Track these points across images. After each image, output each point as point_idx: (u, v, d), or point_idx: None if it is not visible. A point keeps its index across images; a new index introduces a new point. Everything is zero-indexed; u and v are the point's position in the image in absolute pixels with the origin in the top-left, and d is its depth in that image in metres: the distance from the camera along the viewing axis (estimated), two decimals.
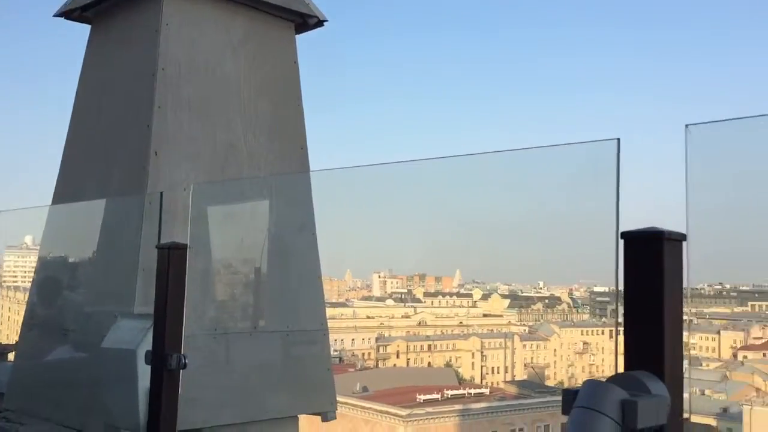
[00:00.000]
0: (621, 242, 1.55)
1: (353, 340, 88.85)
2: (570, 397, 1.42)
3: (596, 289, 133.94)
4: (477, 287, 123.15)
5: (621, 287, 1.60)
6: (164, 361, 2.81)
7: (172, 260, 2.82)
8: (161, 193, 4.20)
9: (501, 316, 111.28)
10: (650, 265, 1.51)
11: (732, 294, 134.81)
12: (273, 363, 5.40)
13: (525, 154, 1.88)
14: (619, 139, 1.60)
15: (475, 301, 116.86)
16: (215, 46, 5.23)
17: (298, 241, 5.46)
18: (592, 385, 1.41)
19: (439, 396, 52.03)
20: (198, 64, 5.11)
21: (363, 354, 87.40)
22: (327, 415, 5.53)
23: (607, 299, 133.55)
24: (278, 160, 5.47)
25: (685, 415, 1.54)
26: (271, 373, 5.35)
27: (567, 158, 1.80)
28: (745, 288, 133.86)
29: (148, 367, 2.95)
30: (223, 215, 5.16)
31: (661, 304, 1.50)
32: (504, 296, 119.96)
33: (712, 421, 58.16)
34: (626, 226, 1.58)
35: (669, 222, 1.53)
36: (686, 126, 1.47)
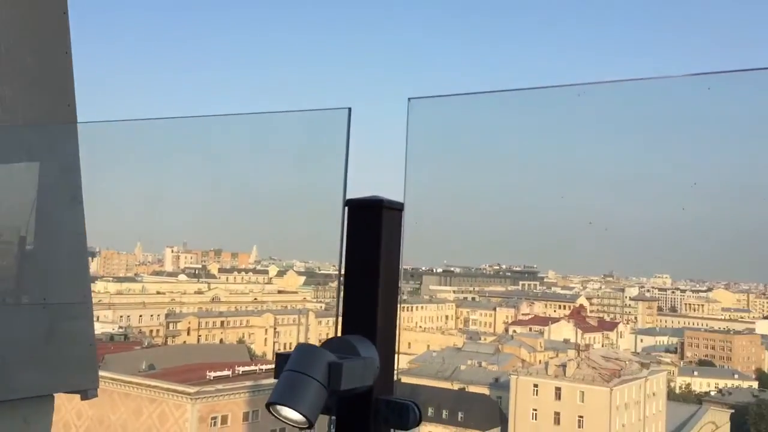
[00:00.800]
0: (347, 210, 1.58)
1: (141, 316, 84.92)
2: (283, 360, 1.43)
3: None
4: (273, 264, 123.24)
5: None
6: None
7: None
8: None
9: (296, 292, 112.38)
10: (369, 232, 1.56)
11: (507, 274, 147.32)
12: (27, 338, 4.98)
13: (265, 119, 1.86)
14: (350, 108, 1.62)
15: (271, 278, 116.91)
16: None
17: (59, 206, 5.06)
18: (302, 348, 1.43)
19: (230, 373, 51.51)
20: None
21: (151, 331, 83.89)
22: (87, 393, 5.21)
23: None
24: (41, 117, 5.01)
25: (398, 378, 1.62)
26: (25, 349, 4.92)
27: (300, 125, 1.80)
28: (518, 269, 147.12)
29: None
30: None
31: (377, 270, 1.55)
32: (300, 273, 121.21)
33: (486, 391, 63.56)
34: (355, 195, 1.61)
35: (395, 193, 1.59)
36: (409, 99, 1.53)
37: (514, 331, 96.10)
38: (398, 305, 1.60)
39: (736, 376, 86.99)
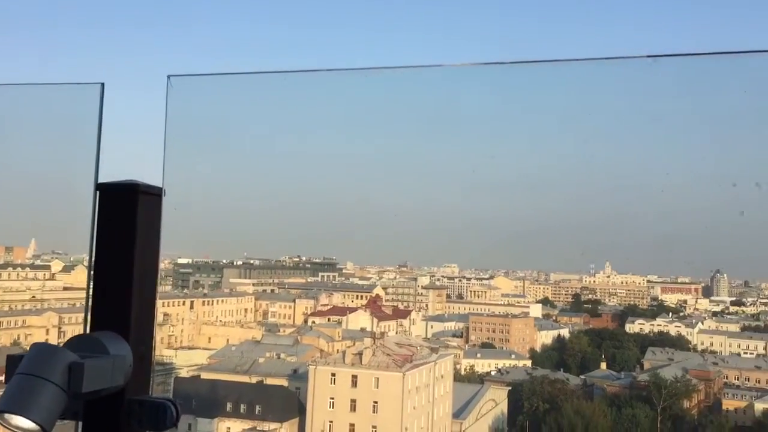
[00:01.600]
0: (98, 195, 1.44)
1: None
2: (14, 363, 1.27)
3: (180, 260, 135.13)
4: (57, 258, 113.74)
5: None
6: None
7: None
8: None
9: (85, 288, 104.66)
10: (124, 218, 1.43)
11: (307, 266, 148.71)
12: None
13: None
14: (103, 84, 1.47)
15: (54, 274, 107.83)
16: None
17: None
18: (37, 348, 1.28)
19: (2, 378, 46.77)
20: None
21: None
22: None
23: (190, 270, 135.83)
24: None
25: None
26: None
27: (49, 101, 1.61)
28: (317, 260, 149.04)
29: None
30: None
31: (132, 259, 1.43)
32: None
33: (284, 382, 63.69)
34: (109, 177, 1.47)
35: (154, 176, 1.47)
36: (168, 77, 1.42)
37: (314, 322, 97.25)
38: (156, 298, 1.48)
39: (513, 356, 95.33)
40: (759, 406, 72.61)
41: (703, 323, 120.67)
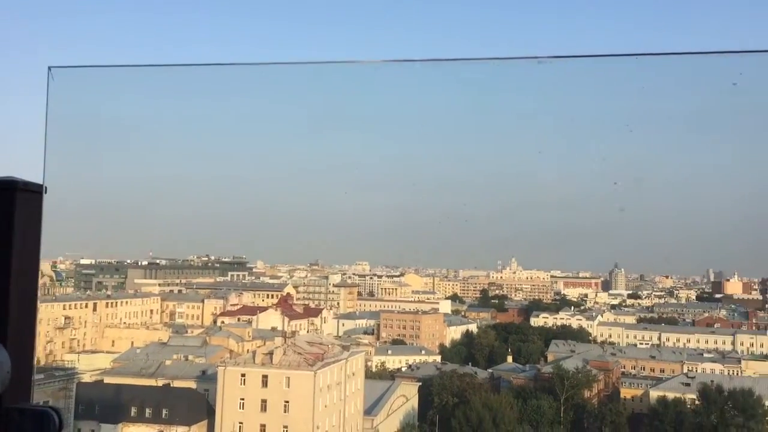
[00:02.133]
0: None
1: None
2: None
3: (83, 261, 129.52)
4: None
5: None
6: None
7: None
8: None
9: None
10: (0, 217, 1.35)
11: (216, 265, 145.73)
12: None
13: None
14: None
15: None
16: None
17: None
18: None
19: None
20: None
21: None
22: None
23: (93, 271, 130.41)
24: None
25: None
26: None
27: None
28: (227, 259, 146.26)
29: None
30: None
31: (9, 261, 1.35)
32: None
33: (192, 384, 62.15)
34: None
35: (36, 173, 1.40)
36: (50, 68, 1.35)
37: (223, 322, 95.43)
38: (38, 300, 1.41)
39: (423, 352, 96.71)
40: (654, 394, 76.65)
41: (602, 316, 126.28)
